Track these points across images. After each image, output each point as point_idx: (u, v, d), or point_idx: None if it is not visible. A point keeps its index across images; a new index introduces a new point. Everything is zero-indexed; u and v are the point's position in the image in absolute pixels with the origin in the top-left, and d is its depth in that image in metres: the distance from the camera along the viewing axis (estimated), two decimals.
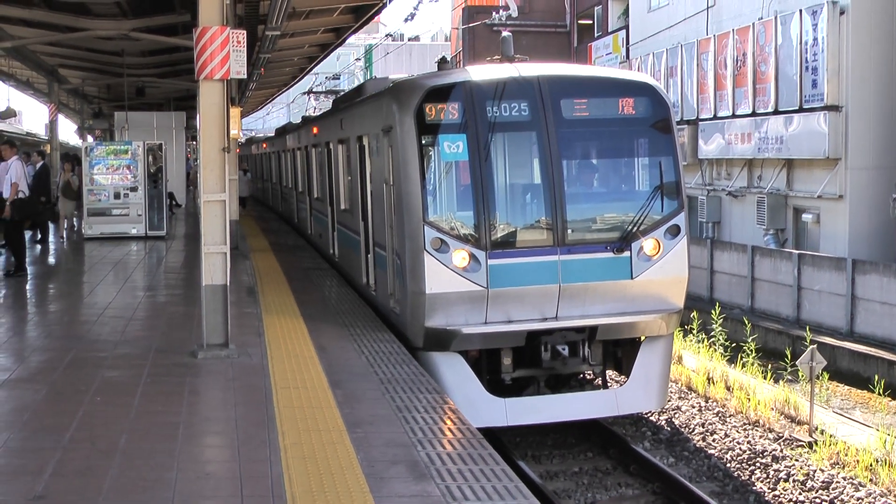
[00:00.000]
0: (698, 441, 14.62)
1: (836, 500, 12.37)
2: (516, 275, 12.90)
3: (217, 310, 12.12)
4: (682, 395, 17.02)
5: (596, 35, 47.39)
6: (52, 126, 38.28)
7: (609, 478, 13.20)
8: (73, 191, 27.71)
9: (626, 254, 13.24)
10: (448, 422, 9.54)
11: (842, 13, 25.52)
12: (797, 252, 24.95)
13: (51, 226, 28.60)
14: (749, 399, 15.99)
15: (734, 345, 20.24)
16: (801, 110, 26.69)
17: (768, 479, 13.09)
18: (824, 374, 17.22)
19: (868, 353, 20.63)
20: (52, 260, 23.92)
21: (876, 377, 18.52)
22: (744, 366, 18.59)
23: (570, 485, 12.96)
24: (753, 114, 29.02)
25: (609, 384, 14.73)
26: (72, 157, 29.69)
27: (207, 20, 11.93)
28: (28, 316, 15.92)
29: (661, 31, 36.46)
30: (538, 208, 13.42)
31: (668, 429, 15.17)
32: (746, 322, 21.05)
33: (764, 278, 25.72)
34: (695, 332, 20.78)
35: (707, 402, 16.58)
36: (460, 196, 13.33)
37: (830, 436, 14.26)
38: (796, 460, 13.54)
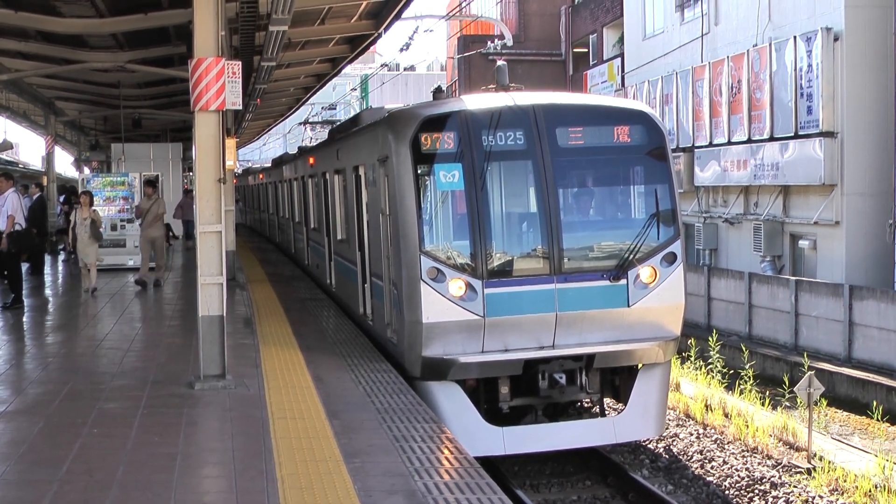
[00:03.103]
0: (697, 468, 14.58)
1: None
2: (513, 303, 12.90)
3: (214, 341, 12.10)
4: (681, 423, 16.99)
5: (591, 63, 47.53)
6: (48, 158, 38.32)
7: None
8: (99, 229, 22.33)
9: (623, 282, 13.25)
10: (445, 451, 9.52)
11: (836, 39, 25.62)
12: (794, 278, 24.96)
13: (47, 258, 28.56)
14: (747, 426, 15.96)
15: (732, 372, 20.21)
16: (796, 137, 26.73)
17: None
18: (822, 400, 17.19)
19: (866, 379, 20.60)
20: (48, 292, 23.88)
21: (874, 403, 18.50)
22: (742, 392, 18.56)
23: None
24: (749, 141, 29.07)
25: (607, 412, 14.71)
26: (88, 191, 24.32)
27: (203, 51, 11.97)
28: (25, 348, 15.89)
29: (657, 59, 36.60)
30: (534, 237, 13.44)
31: (667, 456, 15.14)
32: (744, 349, 21.02)
33: (761, 305, 25.71)
34: (692, 359, 20.76)
35: (705, 429, 16.56)
36: (456, 225, 13.35)
37: (829, 462, 14.24)
38: (795, 487, 13.51)
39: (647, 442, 15.58)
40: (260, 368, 13.32)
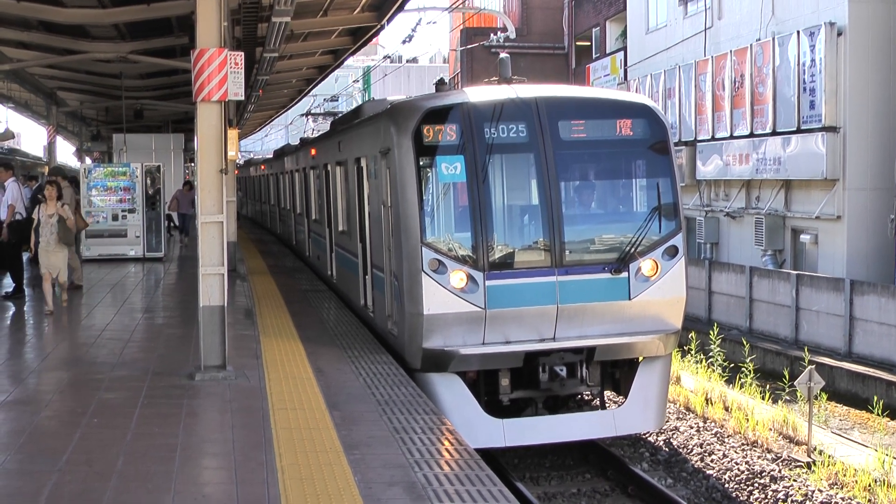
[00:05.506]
0: (697, 462, 14.59)
1: None
2: (514, 296, 12.88)
3: (214, 331, 12.11)
4: (681, 416, 17.00)
5: (594, 56, 47.47)
6: (50, 148, 38.33)
7: (607, 499, 13.18)
8: (70, 230, 17.84)
9: (624, 275, 13.24)
10: (446, 443, 9.52)
11: (839, 34, 25.58)
12: (795, 273, 24.93)
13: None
14: (747, 419, 15.97)
15: (732, 365, 20.22)
16: (798, 131, 26.70)
17: (767, 500, 13.07)
18: (822, 394, 17.21)
19: (866, 374, 20.60)
20: None
21: (874, 398, 18.50)
22: (742, 386, 18.57)
23: None
24: (751, 135, 29.04)
25: (607, 405, 14.71)
26: (54, 180, 18.86)
27: (205, 42, 11.96)
28: (26, 338, 15.89)
29: (659, 53, 36.55)
30: (536, 229, 13.42)
31: (667, 449, 15.14)
32: (745, 343, 21.01)
33: (762, 299, 25.70)
34: (693, 352, 20.76)
35: (705, 422, 16.56)
36: (458, 217, 13.33)
37: (829, 456, 14.25)
38: (794, 481, 13.52)
39: (647, 435, 15.58)
40: (260, 359, 13.32)
